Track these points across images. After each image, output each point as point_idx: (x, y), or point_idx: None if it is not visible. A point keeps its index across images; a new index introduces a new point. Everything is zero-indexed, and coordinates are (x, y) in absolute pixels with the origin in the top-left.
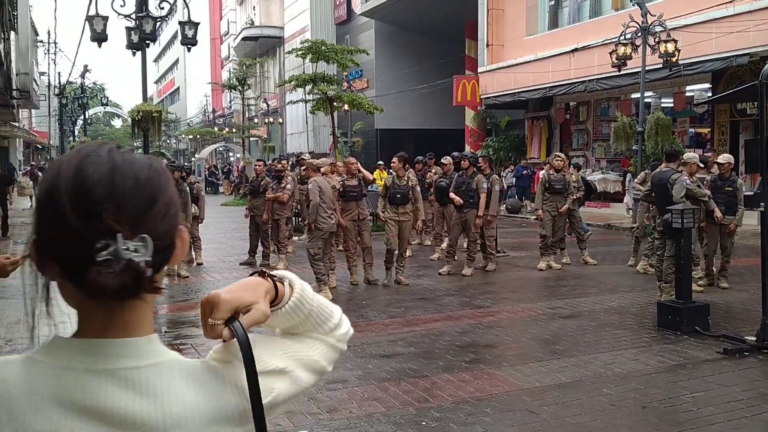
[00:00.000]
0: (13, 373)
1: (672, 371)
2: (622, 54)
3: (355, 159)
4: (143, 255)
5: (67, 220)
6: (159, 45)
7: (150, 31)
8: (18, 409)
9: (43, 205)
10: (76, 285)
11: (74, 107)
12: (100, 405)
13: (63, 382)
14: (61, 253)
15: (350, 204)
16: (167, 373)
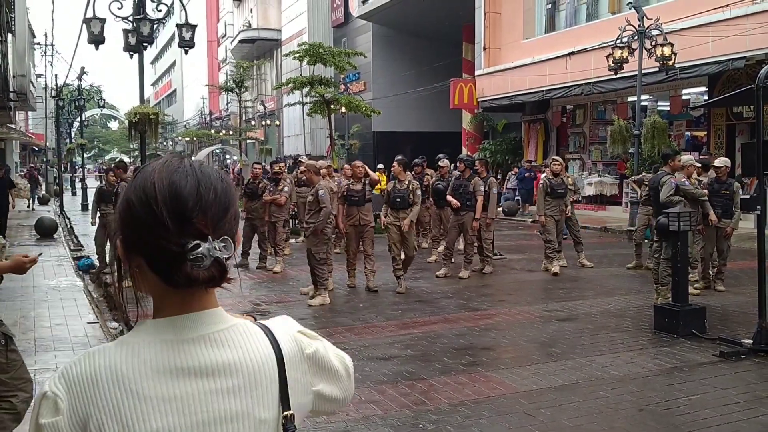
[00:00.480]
0: (116, 355)
1: (669, 374)
2: (619, 57)
3: (361, 162)
4: (227, 253)
5: (165, 224)
6: (156, 47)
7: (147, 33)
8: (130, 383)
9: (138, 211)
10: (162, 276)
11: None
12: (198, 363)
13: (162, 352)
14: (153, 250)
15: (351, 209)
16: (243, 331)
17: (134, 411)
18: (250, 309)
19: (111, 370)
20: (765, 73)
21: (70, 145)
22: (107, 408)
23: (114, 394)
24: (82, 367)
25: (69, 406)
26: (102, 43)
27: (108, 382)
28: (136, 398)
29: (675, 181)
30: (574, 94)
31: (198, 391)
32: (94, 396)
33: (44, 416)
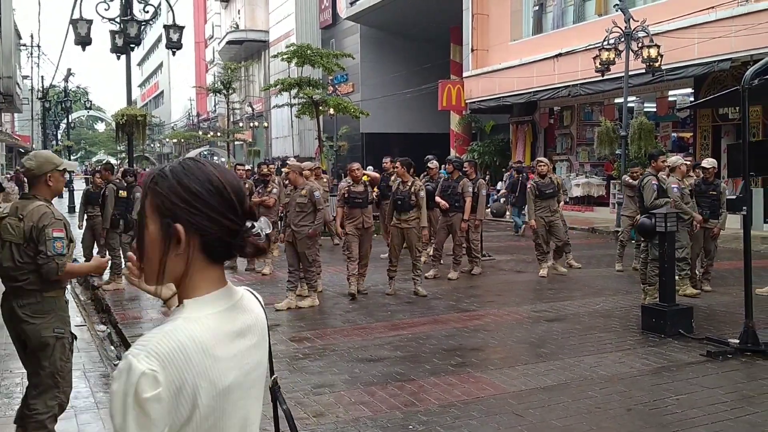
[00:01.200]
0: (192, 329)
1: (656, 374)
2: (606, 59)
3: (358, 164)
4: (267, 230)
5: (235, 208)
6: (143, 48)
7: (134, 34)
8: (210, 349)
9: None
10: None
11: (57, 111)
12: (239, 326)
13: (219, 321)
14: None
15: (354, 211)
16: (250, 298)
17: (217, 371)
18: None
19: (194, 342)
20: (750, 74)
21: (56, 147)
22: (199, 372)
23: (202, 360)
24: (167, 344)
25: (165, 378)
26: (89, 45)
27: (195, 352)
28: (216, 360)
29: (656, 182)
30: (562, 95)
31: (243, 348)
32: (187, 365)
33: (146, 391)
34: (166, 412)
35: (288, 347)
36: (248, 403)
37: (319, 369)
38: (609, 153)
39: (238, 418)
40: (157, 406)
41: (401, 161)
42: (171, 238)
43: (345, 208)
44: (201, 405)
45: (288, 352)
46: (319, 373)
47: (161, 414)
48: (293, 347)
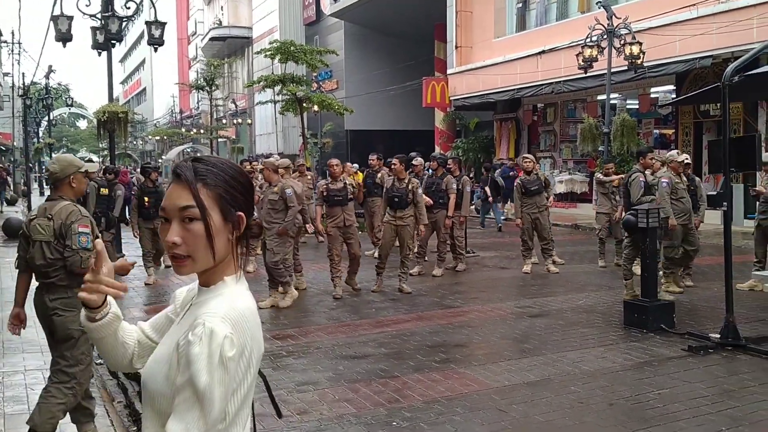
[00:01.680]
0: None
1: (638, 369)
2: (589, 56)
3: (338, 161)
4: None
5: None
6: (125, 45)
7: (116, 30)
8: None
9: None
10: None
11: (39, 108)
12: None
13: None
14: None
15: (335, 209)
16: None
17: (259, 334)
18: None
19: (250, 310)
20: (731, 71)
21: (38, 145)
22: (253, 336)
23: (254, 326)
24: (235, 312)
25: (237, 340)
26: (69, 41)
27: (250, 319)
28: (258, 327)
29: (643, 179)
30: (545, 92)
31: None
32: (246, 329)
33: (228, 351)
34: (239, 368)
35: (272, 345)
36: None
37: (302, 366)
38: (592, 150)
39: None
40: (233, 365)
41: (399, 158)
42: (235, 224)
43: (324, 206)
44: (253, 365)
45: (271, 350)
46: (303, 371)
47: (236, 371)
48: (277, 345)
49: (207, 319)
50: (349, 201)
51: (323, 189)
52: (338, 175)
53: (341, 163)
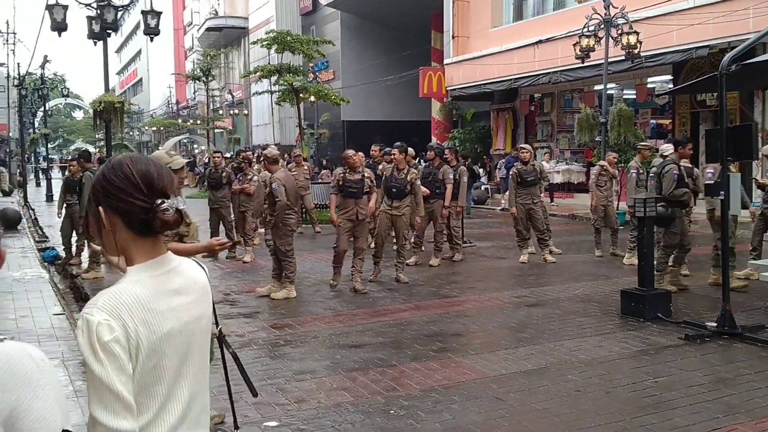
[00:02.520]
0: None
1: (635, 357)
2: (586, 46)
3: (354, 151)
4: (180, 206)
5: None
6: (121, 35)
7: (112, 20)
8: (148, 303)
9: (121, 183)
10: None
11: (34, 98)
12: (175, 286)
13: (157, 282)
14: (132, 209)
15: (348, 201)
16: (188, 265)
17: (155, 320)
18: (220, 299)
19: (134, 298)
20: (728, 60)
21: (33, 135)
22: (139, 321)
23: (141, 312)
24: (114, 301)
25: (117, 324)
26: (65, 30)
27: (135, 306)
28: (153, 312)
29: (677, 171)
30: (542, 82)
31: (181, 303)
32: (130, 315)
33: (106, 335)
34: (124, 350)
35: (269, 334)
36: (190, 348)
37: (300, 355)
38: (589, 140)
39: (177, 359)
40: (117, 347)
41: (399, 147)
42: (100, 218)
43: (338, 197)
44: (142, 347)
45: (269, 339)
46: (301, 360)
47: (122, 351)
48: (274, 334)
49: (85, 310)
50: (364, 194)
51: (339, 178)
52: (357, 166)
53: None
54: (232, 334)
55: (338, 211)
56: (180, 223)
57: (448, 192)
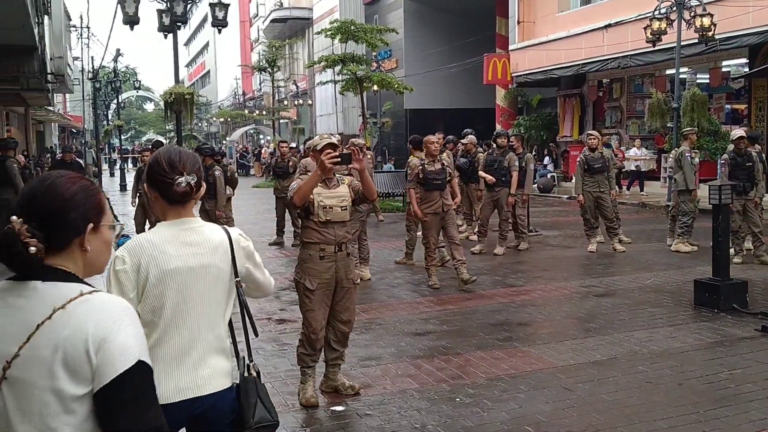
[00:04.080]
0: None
1: (709, 349)
2: (657, 29)
3: (436, 137)
4: (193, 180)
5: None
6: (189, 28)
7: (181, 13)
8: (159, 246)
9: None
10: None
11: (108, 91)
12: (188, 240)
13: (172, 233)
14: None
15: (432, 194)
16: (210, 227)
17: (162, 259)
18: (287, 285)
19: (149, 242)
20: None
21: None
22: (150, 257)
23: (152, 251)
24: (135, 243)
25: (129, 259)
26: (137, 24)
27: (149, 247)
28: (162, 253)
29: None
30: (611, 67)
31: (189, 252)
32: (142, 253)
33: (118, 266)
34: (131, 279)
35: None
36: (192, 287)
37: (365, 342)
38: (660, 125)
39: (179, 292)
40: (123, 276)
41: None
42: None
43: (421, 190)
44: (150, 276)
45: None
46: (366, 346)
47: (127, 280)
48: None
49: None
50: (447, 185)
51: (419, 171)
52: (436, 154)
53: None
54: (298, 320)
55: (421, 205)
56: (191, 192)
57: (513, 179)
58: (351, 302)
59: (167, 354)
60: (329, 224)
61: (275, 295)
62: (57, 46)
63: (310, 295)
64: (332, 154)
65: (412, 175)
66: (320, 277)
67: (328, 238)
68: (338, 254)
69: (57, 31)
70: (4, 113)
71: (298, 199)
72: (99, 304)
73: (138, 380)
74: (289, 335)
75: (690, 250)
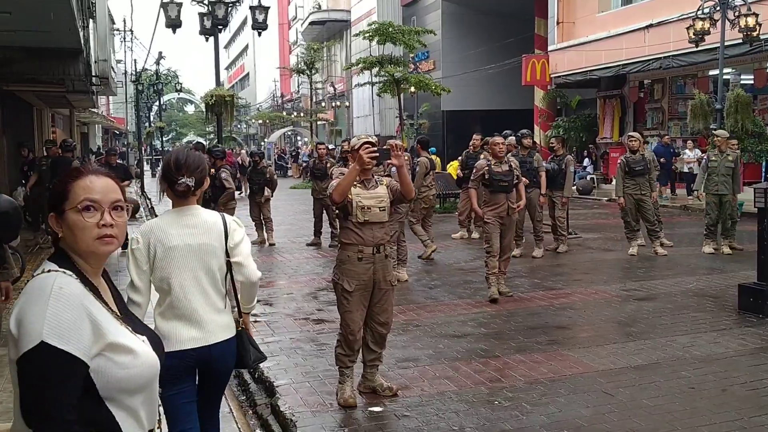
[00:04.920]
0: (158, 220)
1: (754, 354)
2: (700, 29)
3: (501, 139)
4: (192, 182)
5: (171, 170)
6: (229, 31)
7: (222, 16)
8: (164, 228)
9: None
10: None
11: (149, 93)
12: (188, 223)
13: (175, 218)
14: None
15: (498, 196)
16: (208, 213)
17: (166, 238)
18: (324, 286)
19: (157, 225)
20: None
21: (149, 129)
22: (157, 237)
23: (159, 232)
24: (146, 227)
25: (141, 240)
26: (179, 27)
27: (157, 229)
28: (166, 233)
29: None
30: (652, 68)
31: (187, 233)
32: (151, 235)
33: (133, 245)
34: (143, 255)
35: None
36: (190, 260)
37: (402, 344)
38: (703, 127)
39: (180, 265)
40: (138, 253)
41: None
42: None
43: (486, 192)
44: (158, 252)
45: None
46: (403, 348)
47: (141, 256)
48: None
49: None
50: (514, 187)
51: (484, 171)
52: (502, 155)
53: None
54: (336, 320)
55: (484, 208)
56: (189, 191)
57: (542, 180)
58: (389, 304)
59: (180, 313)
60: (367, 225)
61: (313, 296)
62: (102, 49)
63: (347, 296)
64: (371, 148)
65: (476, 176)
66: (358, 279)
67: (366, 239)
68: (376, 256)
69: (101, 34)
70: (50, 115)
71: (337, 195)
72: (29, 285)
73: (39, 361)
74: (327, 335)
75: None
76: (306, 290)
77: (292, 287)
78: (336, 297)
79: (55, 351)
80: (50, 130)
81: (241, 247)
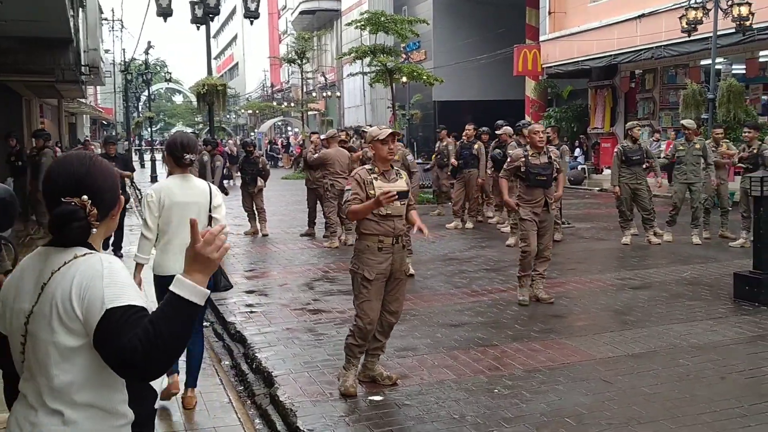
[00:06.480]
0: (167, 181)
1: (751, 342)
2: (693, 18)
3: (541, 127)
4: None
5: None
6: (218, 21)
7: (214, 4)
8: (172, 188)
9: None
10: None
11: (138, 83)
12: (186, 184)
13: (179, 181)
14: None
15: (535, 191)
16: (199, 181)
17: (171, 194)
18: (320, 276)
19: (165, 185)
20: None
21: (137, 119)
22: (165, 193)
23: (165, 190)
24: (157, 186)
25: (155, 195)
26: (170, 15)
27: (165, 188)
28: (171, 191)
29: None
30: (644, 58)
31: (186, 193)
32: (161, 191)
33: (148, 198)
34: (156, 205)
35: None
36: (184, 212)
37: (401, 333)
38: (695, 117)
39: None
40: (152, 203)
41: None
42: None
43: (521, 186)
44: (165, 204)
45: None
46: (402, 337)
47: (154, 206)
48: None
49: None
50: (553, 182)
51: (520, 163)
52: (542, 146)
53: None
54: (333, 310)
55: (524, 202)
56: (191, 164)
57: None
58: (401, 293)
59: (175, 247)
60: (389, 217)
61: (308, 286)
62: (91, 39)
63: (368, 285)
64: (391, 193)
65: (511, 166)
66: (377, 268)
67: (387, 230)
68: (395, 246)
69: (92, 23)
70: (39, 105)
71: (354, 218)
72: (82, 263)
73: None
74: (324, 325)
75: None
76: (301, 280)
77: (287, 277)
78: (354, 287)
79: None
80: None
81: (219, 208)
